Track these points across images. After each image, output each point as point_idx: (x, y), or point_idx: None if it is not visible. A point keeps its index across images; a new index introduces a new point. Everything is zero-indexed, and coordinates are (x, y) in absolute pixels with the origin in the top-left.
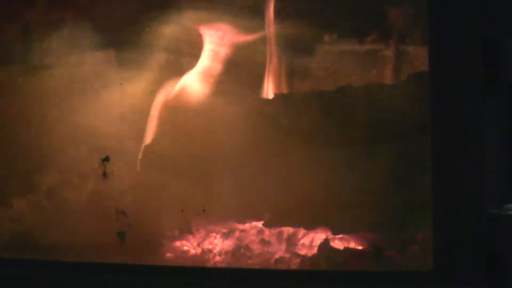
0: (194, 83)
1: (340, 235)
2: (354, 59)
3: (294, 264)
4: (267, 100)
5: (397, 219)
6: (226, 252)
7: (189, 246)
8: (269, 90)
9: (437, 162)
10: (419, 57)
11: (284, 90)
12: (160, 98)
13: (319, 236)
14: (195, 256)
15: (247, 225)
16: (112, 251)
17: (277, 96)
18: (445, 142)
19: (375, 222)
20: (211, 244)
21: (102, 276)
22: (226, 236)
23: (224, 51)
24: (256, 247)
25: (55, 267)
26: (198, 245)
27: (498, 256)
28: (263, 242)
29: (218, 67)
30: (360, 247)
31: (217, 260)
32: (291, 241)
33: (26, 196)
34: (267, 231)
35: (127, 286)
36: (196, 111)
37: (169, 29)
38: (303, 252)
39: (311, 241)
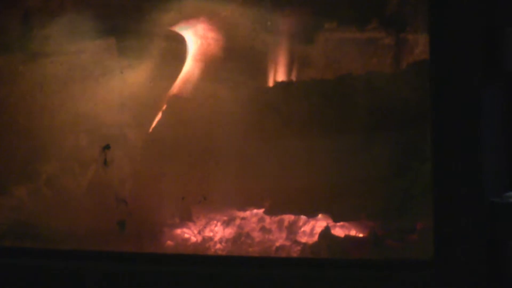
0: (194, 71)
1: (341, 223)
2: (355, 47)
3: (295, 252)
4: (268, 88)
5: (397, 208)
6: (227, 240)
7: (190, 234)
8: (269, 78)
9: (437, 150)
10: (419, 45)
11: (285, 78)
12: (160, 86)
13: (319, 224)
14: (195, 244)
15: (247, 213)
16: (112, 239)
17: (278, 84)
18: (445, 131)
19: (375, 210)
20: (212, 232)
21: (103, 264)
22: (226, 224)
23: (224, 39)
24: (257, 235)
25: (55, 255)
26: (199, 233)
27: (499, 244)
28: (264, 230)
29: (218, 55)
30: (361, 235)
31: (218, 248)
32: (292, 229)
33: (26, 184)
34: (268, 219)
35: (128, 274)
36: (196, 99)
37: (170, 16)
38: (303, 240)
39: (311, 229)
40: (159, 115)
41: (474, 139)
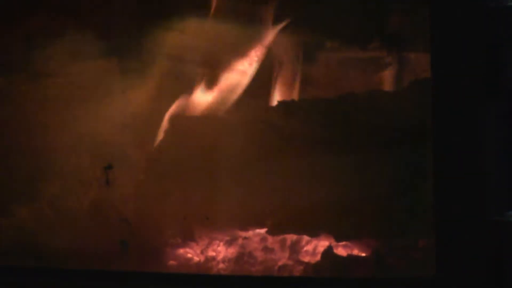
0: (197, 91)
1: (344, 242)
2: (356, 66)
3: (297, 271)
4: (270, 107)
5: (400, 226)
6: (230, 260)
7: (193, 253)
8: (271, 97)
9: (439, 168)
10: (421, 63)
11: (287, 97)
12: (162, 106)
13: (322, 243)
14: (198, 263)
15: (250, 233)
16: (115, 259)
17: (280, 103)
18: (447, 149)
19: (378, 228)
20: (215, 252)
21: (105, 284)
22: (229, 243)
23: (226, 58)
24: (260, 255)
25: (58, 274)
26: (202, 252)
27: (500, 263)
28: (267, 249)
29: (220, 75)
30: (363, 254)
31: (221, 267)
32: (295, 248)
33: (28, 204)
34: (270, 238)
35: None
36: (199, 118)
37: (172, 36)
38: (306, 259)
39: (314, 248)
40: (161, 135)
41: (475, 157)
